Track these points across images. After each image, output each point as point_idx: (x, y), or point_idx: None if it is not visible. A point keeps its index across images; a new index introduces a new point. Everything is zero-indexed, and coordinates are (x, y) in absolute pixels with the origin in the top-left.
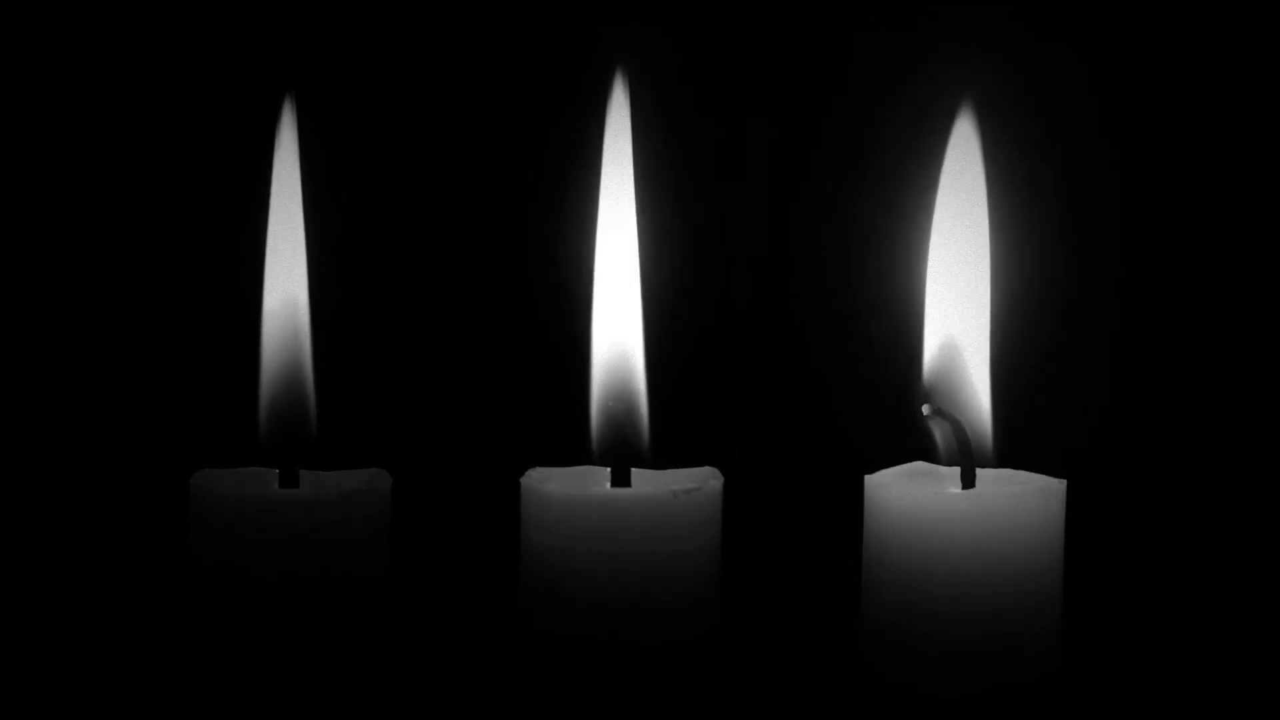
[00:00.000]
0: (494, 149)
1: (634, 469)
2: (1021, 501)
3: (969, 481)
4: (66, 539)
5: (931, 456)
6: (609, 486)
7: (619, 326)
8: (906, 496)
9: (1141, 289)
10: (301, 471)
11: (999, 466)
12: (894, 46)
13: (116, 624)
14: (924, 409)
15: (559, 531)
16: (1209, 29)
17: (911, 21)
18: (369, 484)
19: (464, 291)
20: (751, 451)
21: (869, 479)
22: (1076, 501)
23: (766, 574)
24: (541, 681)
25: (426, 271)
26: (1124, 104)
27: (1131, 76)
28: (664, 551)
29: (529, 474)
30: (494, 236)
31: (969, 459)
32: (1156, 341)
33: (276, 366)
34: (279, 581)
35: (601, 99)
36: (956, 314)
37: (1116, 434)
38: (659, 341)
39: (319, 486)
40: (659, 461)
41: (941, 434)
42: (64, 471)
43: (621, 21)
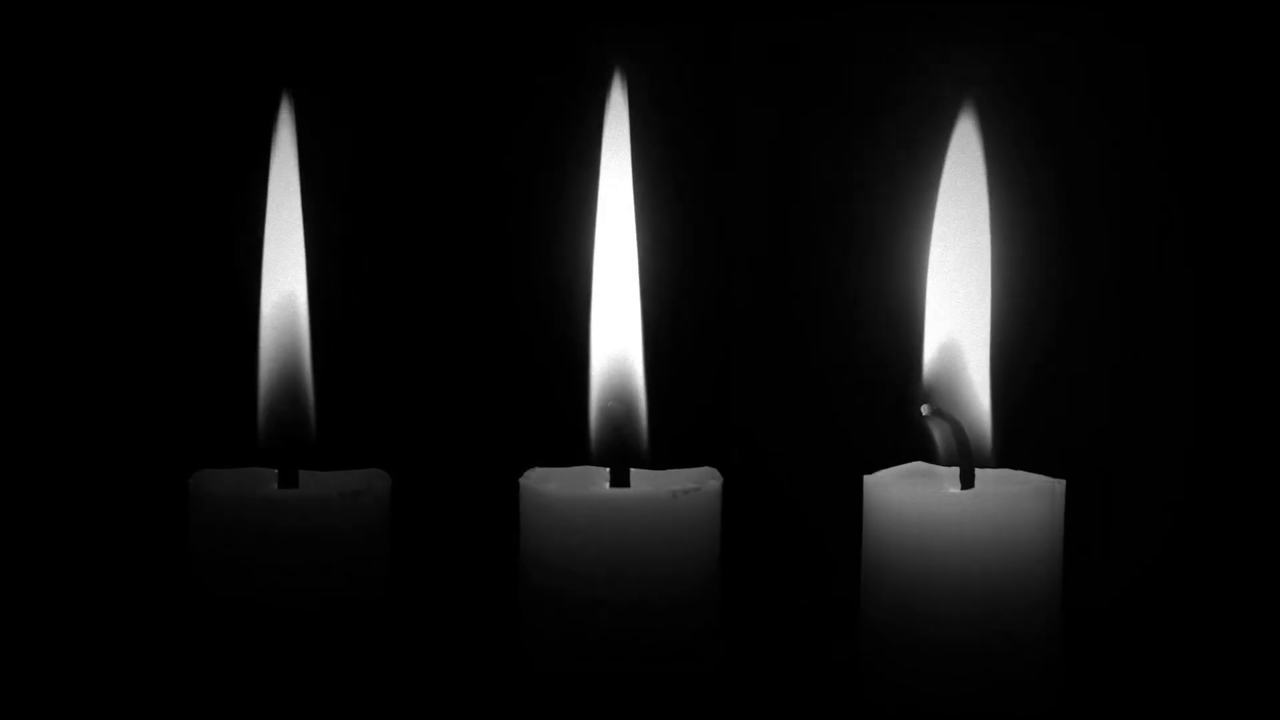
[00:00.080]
0: (494, 149)
1: (633, 469)
2: (1021, 501)
3: (968, 481)
4: (66, 539)
5: (931, 456)
6: (608, 487)
7: (618, 327)
8: (906, 496)
9: (1141, 289)
10: (301, 472)
11: (998, 466)
12: (894, 46)
13: (116, 624)
14: (923, 409)
15: (558, 532)
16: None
17: (911, 22)
18: (368, 484)
19: (463, 291)
20: (751, 451)
21: (869, 479)
22: (1076, 501)
23: (766, 574)
24: (540, 681)
25: (426, 271)
26: (1124, 104)
27: (1132, 76)
28: (663, 552)
29: (528, 474)
30: (494, 236)
31: (968, 459)
32: (1156, 341)
33: (276, 366)
34: (278, 581)
35: (601, 99)
36: (956, 314)
37: (1116, 434)
38: (659, 341)
39: (318, 486)
40: (658, 462)
41: (941, 434)
42: (64, 471)
43: (621, 21)
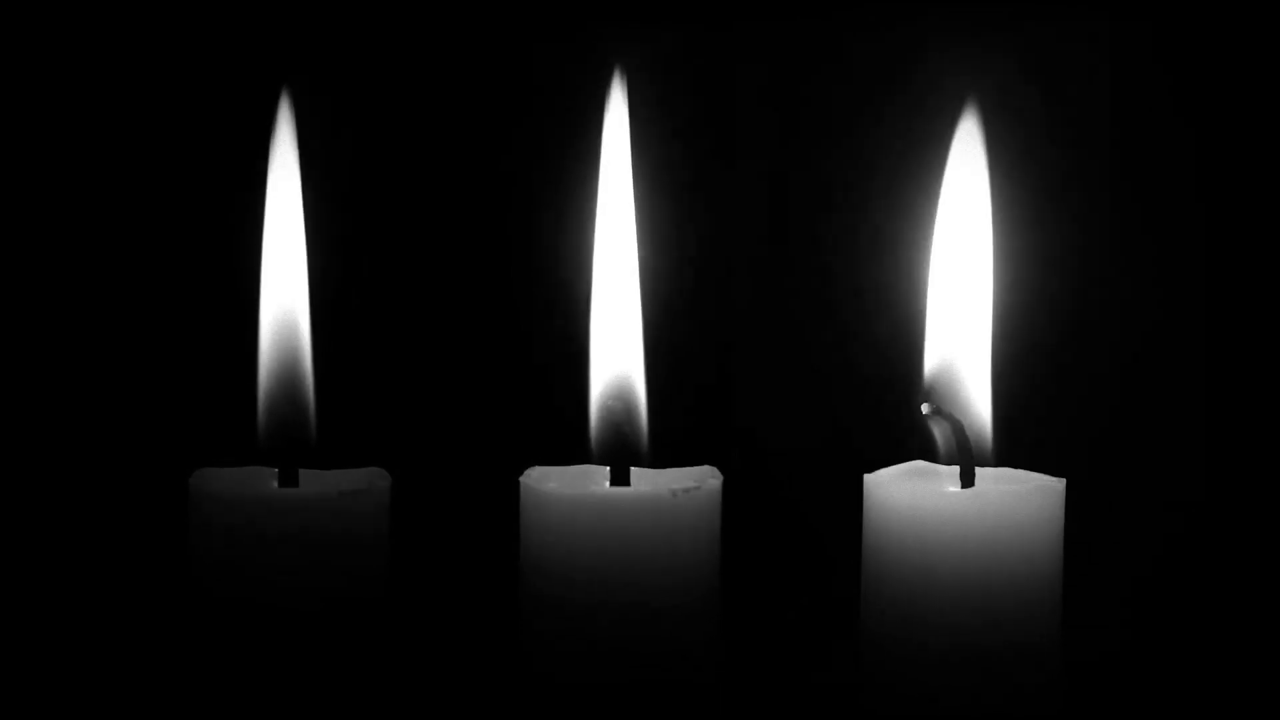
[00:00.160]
0: (494, 148)
1: (633, 468)
2: (1021, 501)
3: (969, 481)
4: (67, 539)
5: (931, 456)
6: (608, 486)
7: (618, 326)
8: (906, 496)
9: (1142, 289)
10: (301, 471)
11: (998, 466)
12: (894, 46)
13: (117, 624)
14: (924, 408)
15: (558, 531)
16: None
17: (912, 22)
18: (369, 484)
19: (463, 291)
20: (751, 451)
21: (869, 478)
22: (1076, 501)
23: (766, 574)
24: (540, 681)
25: (426, 271)
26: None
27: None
28: (663, 551)
29: (528, 473)
30: (494, 236)
31: (969, 458)
32: (1157, 341)
33: (275, 366)
34: (278, 581)
35: (601, 99)
36: (958, 313)
37: (1117, 434)
38: (659, 341)
39: (319, 486)
40: (658, 461)
41: (941, 433)
42: (64, 471)
43: (621, 21)
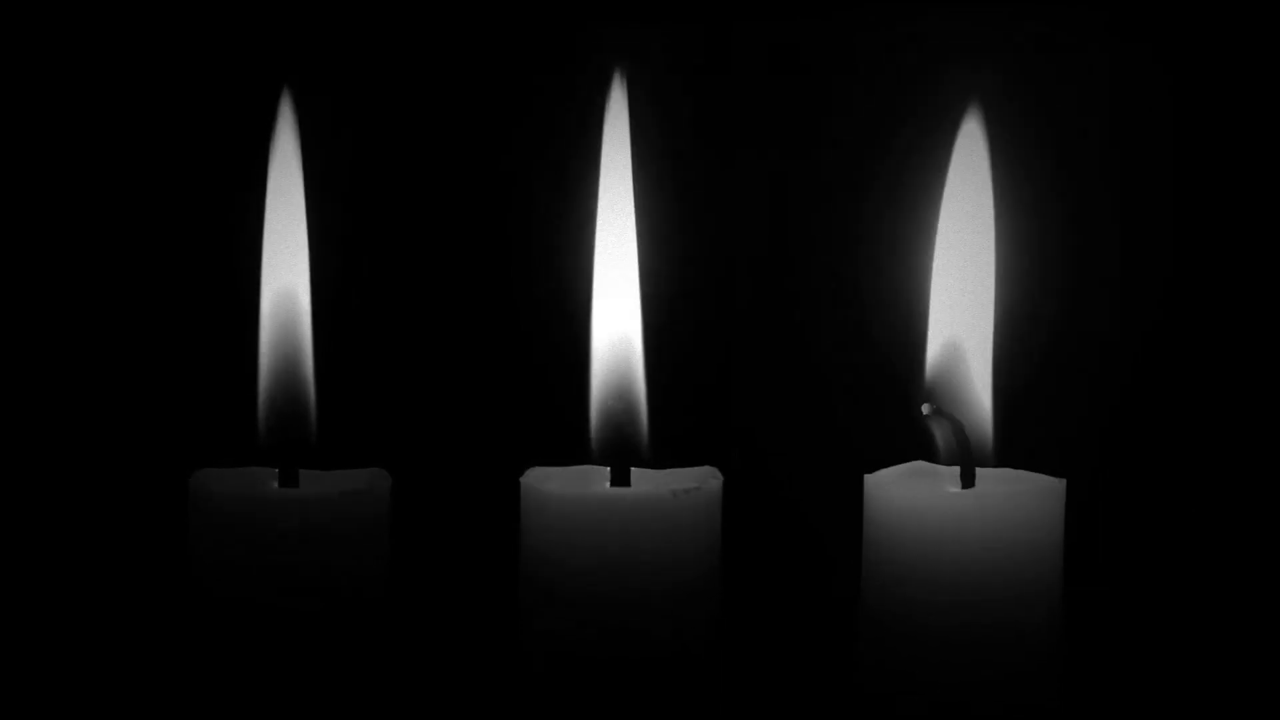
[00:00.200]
0: (494, 148)
1: (634, 468)
2: (1021, 501)
3: (969, 481)
4: (66, 539)
5: (932, 456)
6: (608, 486)
7: (619, 326)
8: (906, 496)
9: (1142, 289)
10: (301, 471)
11: (999, 466)
12: (895, 46)
13: (117, 624)
14: (924, 408)
15: (558, 531)
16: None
17: (912, 21)
18: (369, 484)
19: (464, 291)
20: (751, 451)
21: (869, 479)
22: (1076, 501)
23: (766, 574)
24: (541, 681)
25: (426, 271)
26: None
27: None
28: (664, 551)
29: (528, 473)
30: (494, 236)
31: (969, 458)
32: (1157, 342)
33: (276, 366)
34: (279, 581)
35: (601, 99)
36: (959, 314)
37: (1116, 434)
38: (659, 341)
39: (319, 486)
40: (659, 461)
41: (942, 433)
42: (64, 471)
43: (621, 21)
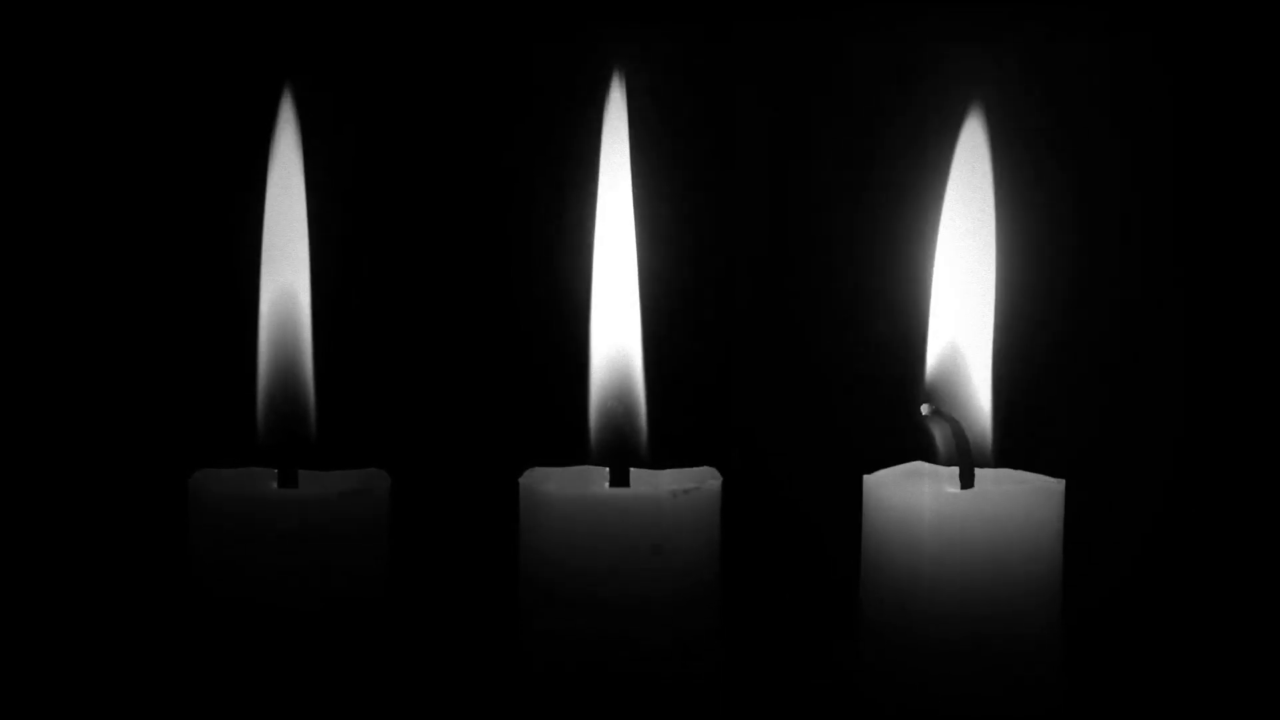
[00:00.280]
0: (495, 148)
1: (633, 469)
2: (1021, 501)
3: (968, 481)
4: (66, 539)
5: (931, 456)
6: (607, 486)
7: (618, 326)
8: (906, 496)
9: (1142, 289)
10: (300, 471)
11: (998, 466)
12: (895, 46)
13: (117, 624)
14: (924, 409)
15: (558, 531)
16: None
17: (912, 21)
18: (368, 484)
19: (464, 291)
20: (751, 451)
21: (869, 479)
22: (1076, 501)
23: (766, 574)
24: (540, 682)
25: (426, 271)
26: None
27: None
28: (663, 551)
29: (527, 474)
30: (494, 236)
31: (968, 459)
32: (1157, 342)
33: (275, 366)
34: (278, 581)
35: (601, 99)
36: (959, 314)
37: (1116, 434)
38: (659, 341)
39: (318, 486)
40: (658, 461)
41: (941, 434)
42: (64, 471)
43: (621, 21)
